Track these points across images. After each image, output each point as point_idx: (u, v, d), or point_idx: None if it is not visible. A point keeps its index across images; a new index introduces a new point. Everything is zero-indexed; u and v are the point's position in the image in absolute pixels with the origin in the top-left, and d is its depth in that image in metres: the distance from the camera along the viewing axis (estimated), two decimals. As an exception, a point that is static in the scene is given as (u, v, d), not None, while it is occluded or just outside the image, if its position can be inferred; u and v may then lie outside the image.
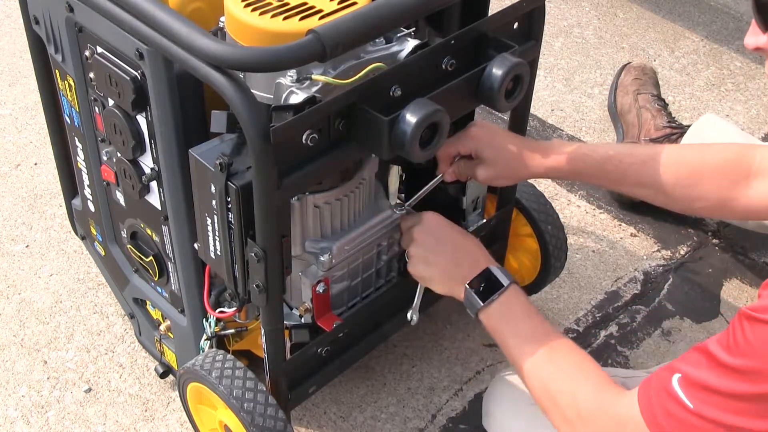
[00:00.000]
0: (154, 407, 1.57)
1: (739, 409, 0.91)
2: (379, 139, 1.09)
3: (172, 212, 1.26)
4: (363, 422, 1.55)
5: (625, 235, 1.95)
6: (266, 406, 1.24)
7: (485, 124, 1.38)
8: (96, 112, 1.30)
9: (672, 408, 0.96)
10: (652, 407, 0.99)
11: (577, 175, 1.37)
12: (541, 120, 2.26)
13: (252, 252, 1.12)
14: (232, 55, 0.97)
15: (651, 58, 2.51)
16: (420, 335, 1.70)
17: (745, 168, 1.27)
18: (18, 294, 1.77)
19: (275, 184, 1.05)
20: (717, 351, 0.93)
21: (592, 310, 1.78)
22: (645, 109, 2.04)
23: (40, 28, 1.32)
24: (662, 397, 0.97)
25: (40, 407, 1.56)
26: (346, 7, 1.13)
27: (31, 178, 2.04)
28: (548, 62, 2.47)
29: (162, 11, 1.03)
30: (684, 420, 0.94)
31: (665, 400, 0.97)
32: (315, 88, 1.12)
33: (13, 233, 1.90)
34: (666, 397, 0.97)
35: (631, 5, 2.75)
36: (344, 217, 1.32)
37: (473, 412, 1.57)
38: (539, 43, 1.33)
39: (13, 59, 2.42)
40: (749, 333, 0.90)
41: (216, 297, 1.33)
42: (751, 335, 0.90)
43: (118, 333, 1.69)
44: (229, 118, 1.13)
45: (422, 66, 1.16)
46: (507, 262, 1.67)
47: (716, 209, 1.34)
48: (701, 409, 0.93)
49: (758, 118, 2.29)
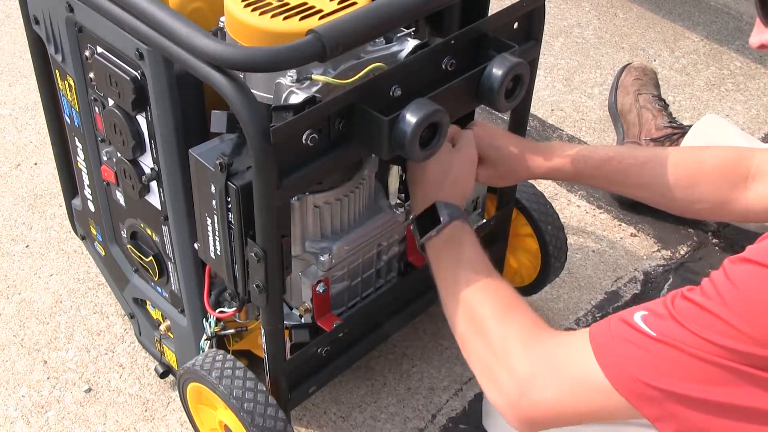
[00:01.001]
0: (154, 407, 1.57)
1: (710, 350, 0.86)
2: (379, 139, 1.09)
3: (172, 212, 1.26)
4: (363, 422, 1.55)
5: (625, 235, 1.95)
6: (266, 406, 1.24)
7: (485, 125, 1.38)
8: (96, 112, 1.30)
9: (629, 335, 0.90)
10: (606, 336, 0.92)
11: (577, 176, 1.37)
12: (541, 120, 2.26)
13: (252, 252, 1.12)
14: (232, 55, 0.97)
15: (651, 58, 2.51)
16: (420, 335, 1.70)
17: (744, 170, 1.28)
18: (18, 294, 1.77)
19: (275, 184, 1.05)
20: (690, 294, 0.89)
21: (592, 310, 1.78)
22: (646, 109, 2.04)
23: (40, 28, 1.32)
24: (620, 327, 0.91)
25: (40, 407, 1.56)
26: (346, 7, 1.13)
27: (31, 178, 2.04)
28: (548, 62, 2.47)
29: (162, 11, 1.03)
30: (643, 346, 0.88)
31: (622, 329, 0.91)
32: (315, 88, 1.12)
33: (13, 233, 1.90)
34: (625, 327, 0.91)
35: (631, 5, 2.75)
36: (344, 217, 1.32)
37: (473, 412, 1.57)
38: (539, 43, 1.33)
39: (13, 59, 2.42)
40: (733, 273, 0.86)
41: (216, 297, 1.33)
42: (734, 275, 0.85)
43: (118, 333, 1.69)
44: (229, 118, 1.13)
45: (422, 66, 1.16)
46: (507, 262, 1.67)
47: (715, 211, 1.34)
48: (664, 336, 0.87)
49: (758, 118, 2.29)
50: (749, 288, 0.84)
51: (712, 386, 0.87)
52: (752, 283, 0.84)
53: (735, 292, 0.85)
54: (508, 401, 1.00)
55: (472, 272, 1.14)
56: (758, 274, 0.84)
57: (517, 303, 1.09)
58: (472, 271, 1.14)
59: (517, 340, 1.02)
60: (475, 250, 1.17)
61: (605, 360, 0.91)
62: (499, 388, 1.02)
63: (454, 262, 1.17)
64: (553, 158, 1.34)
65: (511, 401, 1.00)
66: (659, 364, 0.88)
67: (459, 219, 1.20)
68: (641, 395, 0.89)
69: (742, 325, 0.84)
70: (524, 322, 1.05)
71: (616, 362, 0.91)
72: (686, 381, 0.87)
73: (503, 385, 1.01)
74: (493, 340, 1.05)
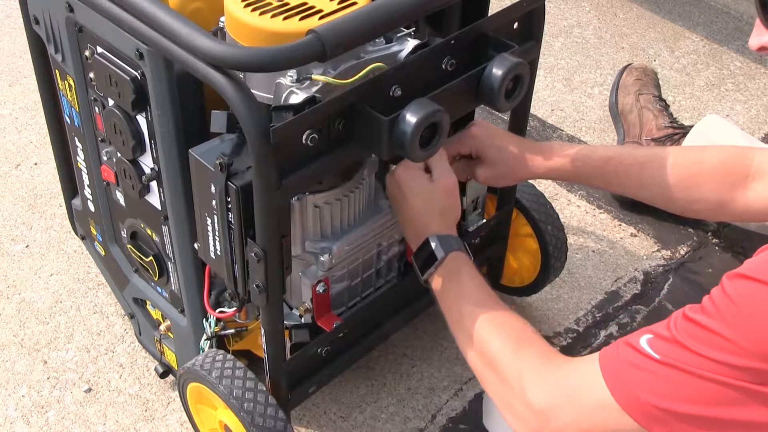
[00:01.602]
0: (154, 407, 1.57)
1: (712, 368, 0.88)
2: (379, 139, 1.09)
3: (172, 212, 1.26)
4: (363, 422, 1.55)
5: (625, 235, 1.95)
6: (266, 406, 1.24)
7: (485, 124, 1.38)
8: (96, 112, 1.30)
9: (636, 360, 0.93)
10: (615, 362, 0.95)
11: (577, 176, 1.37)
12: (541, 120, 2.26)
13: (252, 252, 1.12)
14: (232, 55, 0.97)
15: (651, 58, 2.51)
16: (420, 335, 1.70)
17: (744, 170, 1.27)
18: (18, 294, 1.77)
19: (275, 184, 1.05)
20: (691, 313, 0.91)
21: (592, 310, 1.78)
22: (647, 110, 2.05)
23: (40, 28, 1.32)
24: (627, 352, 0.95)
25: (40, 407, 1.56)
26: (346, 7, 1.13)
27: (31, 178, 2.04)
28: (548, 62, 2.47)
29: (162, 11, 1.03)
30: (649, 369, 0.91)
31: (629, 354, 0.94)
32: (315, 88, 1.12)
33: (13, 233, 1.90)
34: (631, 352, 0.94)
35: (631, 5, 2.75)
36: (344, 217, 1.32)
37: (473, 412, 1.57)
38: (539, 43, 1.33)
39: (13, 59, 2.42)
40: (730, 289, 0.88)
41: (216, 297, 1.33)
42: (732, 291, 0.88)
43: (118, 333, 1.69)
44: (229, 118, 1.13)
45: (422, 66, 1.16)
46: (507, 262, 1.67)
47: (715, 211, 1.34)
48: (668, 358, 0.90)
49: (758, 118, 2.29)
50: (746, 303, 0.86)
51: (716, 404, 0.89)
52: (749, 299, 0.86)
53: (733, 308, 0.87)
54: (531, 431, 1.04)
55: (477, 306, 1.16)
56: (755, 290, 0.86)
57: (525, 333, 1.12)
58: (476, 305, 1.16)
59: (530, 373, 1.05)
60: (475, 282, 1.19)
61: (614, 385, 0.95)
62: (521, 421, 1.05)
63: (457, 296, 1.19)
64: (553, 158, 1.34)
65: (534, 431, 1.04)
66: (665, 386, 0.90)
67: (455, 250, 1.22)
68: (650, 417, 0.92)
69: (741, 340, 0.86)
70: (535, 353, 1.08)
71: (625, 387, 0.94)
72: (691, 401, 0.89)
73: (523, 417, 1.05)
74: (506, 374, 1.08)
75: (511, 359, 1.08)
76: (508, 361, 1.08)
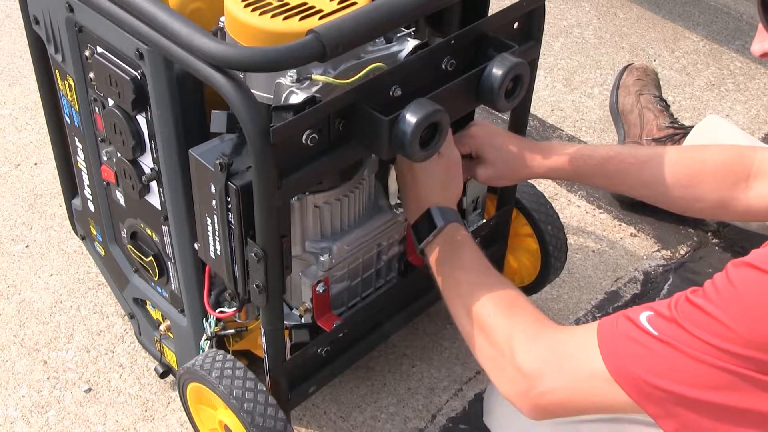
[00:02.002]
0: (154, 407, 1.57)
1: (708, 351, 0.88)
2: (379, 139, 1.09)
3: (172, 212, 1.26)
4: (363, 422, 1.55)
5: (625, 235, 1.95)
6: (266, 406, 1.24)
7: (485, 124, 1.38)
8: (96, 112, 1.30)
9: (634, 334, 0.93)
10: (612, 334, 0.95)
11: (578, 176, 1.37)
12: (541, 120, 2.26)
13: (252, 252, 1.12)
14: (232, 55, 0.97)
15: (651, 58, 2.51)
16: (420, 335, 1.70)
17: (745, 169, 1.27)
18: (18, 294, 1.77)
19: (275, 184, 1.05)
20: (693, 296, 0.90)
21: (592, 310, 1.78)
22: (647, 110, 2.04)
23: (40, 28, 1.32)
24: (626, 325, 0.94)
25: (40, 407, 1.56)
26: (346, 7, 1.13)
27: (31, 178, 2.04)
28: (548, 62, 2.47)
29: (162, 11, 1.03)
30: (645, 345, 0.91)
31: (628, 328, 0.94)
32: (315, 88, 1.12)
33: (13, 233, 1.90)
34: (630, 326, 0.94)
35: (631, 5, 2.75)
36: (344, 217, 1.32)
37: (473, 412, 1.57)
38: (539, 43, 1.33)
39: (13, 59, 2.42)
40: (734, 276, 0.88)
41: (216, 297, 1.33)
42: (736, 278, 0.87)
43: (118, 333, 1.69)
44: (229, 118, 1.13)
45: (422, 66, 1.16)
46: (507, 262, 1.67)
47: (716, 210, 1.34)
48: (666, 336, 0.90)
49: (758, 118, 2.29)
50: (749, 292, 0.86)
51: (711, 388, 0.88)
52: (752, 287, 0.86)
53: (735, 295, 0.86)
54: (518, 393, 1.04)
55: (472, 273, 1.16)
56: (759, 279, 0.85)
57: (518, 300, 1.11)
58: (471, 272, 1.16)
59: (522, 337, 1.05)
60: (472, 251, 1.19)
61: (610, 357, 0.94)
62: (509, 383, 1.05)
63: (453, 265, 1.19)
64: (553, 157, 1.34)
65: (521, 394, 1.03)
66: (660, 364, 0.90)
67: (454, 222, 1.22)
68: (643, 393, 0.91)
69: (740, 328, 0.85)
70: (528, 318, 1.07)
71: (620, 359, 0.93)
72: (686, 382, 0.89)
73: (512, 379, 1.04)
74: (497, 338, 1.07)
75: (503, 322, 1.07)
76: (500, 324, 1.08)
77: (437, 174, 1.25)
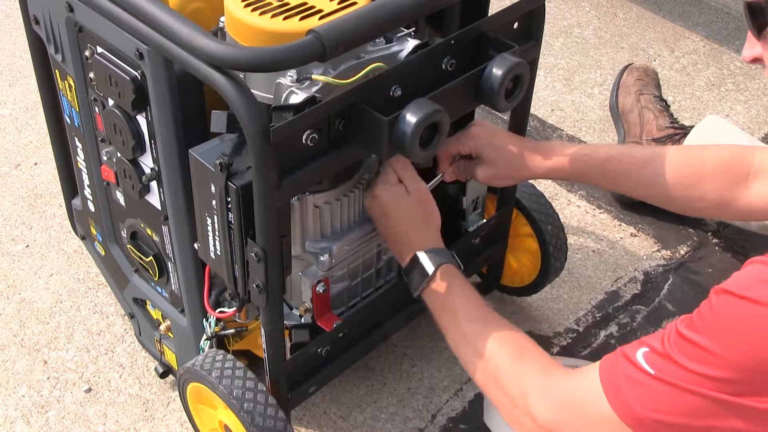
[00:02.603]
0: (154, 407, 1.57)
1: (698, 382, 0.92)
2: (379, 139, 1.09)
3: (172, 212, 1.26)
4: (363, 422, 1.55)
5: (625, 235, 1.95)
6: (266, 406, 1.24)
7: (485, 124, 1.38)
8: (96, 112, 1.30)
9: (633, 374, 0.97)
10: (614, 376, 0.99)
11: (578, 176, 1.37)
12: (541, 120, 2.26)
13: (252, 252, 1.12)
14: (232, 55, 0.97)
15: (651, 58, 2.51)
16: (420, 335, 1.70)
17: (745, 169, 1.27)
18: (18, 294, 1.77)
19: (275, 184, 1.05)
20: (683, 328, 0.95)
21: (592, 310, 1.78)
22: (647, 110, 2.04)
23: (40, 28, 1.32)
24: (624, 365, 0.98)
25: (40, 407, 1.56)
26: (346, 7, 1.13)
27: (31, 178, 2.04)
28: (548, 62, 2.47)
29: (162, 11, 1.03)
30: (644, 384, 0.95)
31: (627, 368, 0.98)
32: (315, 88, 1.12)
33: (13, 233, 1.90)
34: (628, 365, 0.98)
35: (631, 5, 2.75)
36: (344, 217, 1.32)
37: (473, 412, 1.57)
38: (539, 43, 1.33)
39: (13, 59, 2.42)
40: (716, 304, 0.92)
41: (216, 297, 1.33)
42: (717, 305, 0.92)
43: (118, 333, 1.69)
44: (229, 118, 1.13)
45: (422, 66, 1.16)
46: (507, 262, 1.67)
47: (716, 210, 1.34)
48: (661, 373, 0.94)
49: (758, 118, 2.29)
50: (728, 318, 0.91)
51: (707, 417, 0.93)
52: (731, 314, 0.90)
53: (716, 322, 0.92)
54: None
55: (472, 321, 1.19)
56: (737, 306, 0.90)
57: (524, 345, 1.15)
58: (471, 320, 1.19)
59: (533, 387, 1.08)
60: (466, 294, 1.21)
61: (614, 399, 0.99)
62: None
63: (452, 311, 1.21)
64: (553, 157, 1.34)
65: None
66: (659, 400, 0.95)
67: (444, 263, 1.23)
68: (649, 428, 0.96)
69: (721, 351, 0.90)
70: (535, 367, 1.11)
71: (623, 399, 0.98)
72: (683, 414, 0.94)
73: (531, 430, 1.08)
74: (509, 389, 1.11)
75: (513, 374, 1.11)
76: (510, 376, 1.11)
77: (413, 213, 1.27)
